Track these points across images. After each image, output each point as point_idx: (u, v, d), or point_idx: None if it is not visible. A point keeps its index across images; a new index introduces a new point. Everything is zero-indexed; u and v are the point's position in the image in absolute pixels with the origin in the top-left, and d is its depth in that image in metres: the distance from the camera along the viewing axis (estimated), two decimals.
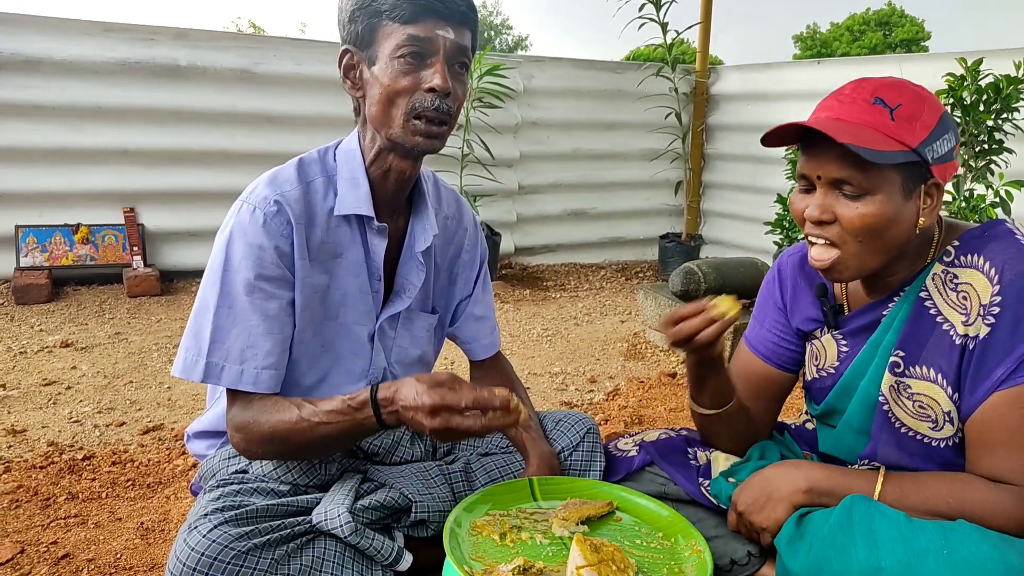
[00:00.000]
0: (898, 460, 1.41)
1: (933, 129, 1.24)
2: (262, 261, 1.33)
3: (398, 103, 1.31)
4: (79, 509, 1.82)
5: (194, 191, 4.34)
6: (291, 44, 4.47)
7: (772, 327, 1.56)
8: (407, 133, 1.32)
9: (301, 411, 1.29)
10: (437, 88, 1.29)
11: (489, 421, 1.19)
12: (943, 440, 1.33)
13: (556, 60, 5.34)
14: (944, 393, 1.30)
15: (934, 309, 1.32)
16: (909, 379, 1.34)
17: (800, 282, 1.53)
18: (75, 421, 2.40)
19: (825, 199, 1.26)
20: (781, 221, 4.43)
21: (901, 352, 1.35)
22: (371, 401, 1.24)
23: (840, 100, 1.28)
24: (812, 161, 1.27)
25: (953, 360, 1.29)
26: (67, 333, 3.33)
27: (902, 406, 1.36)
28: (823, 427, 1.55)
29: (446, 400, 1.17)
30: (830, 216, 1.26)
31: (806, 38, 40.64)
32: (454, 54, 1.32)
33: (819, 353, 1.50)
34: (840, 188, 1.25)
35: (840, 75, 4.69)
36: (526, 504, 1.44)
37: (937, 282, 1.32)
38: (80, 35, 4.01)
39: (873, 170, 1.21)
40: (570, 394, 2.81)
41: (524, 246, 5.36)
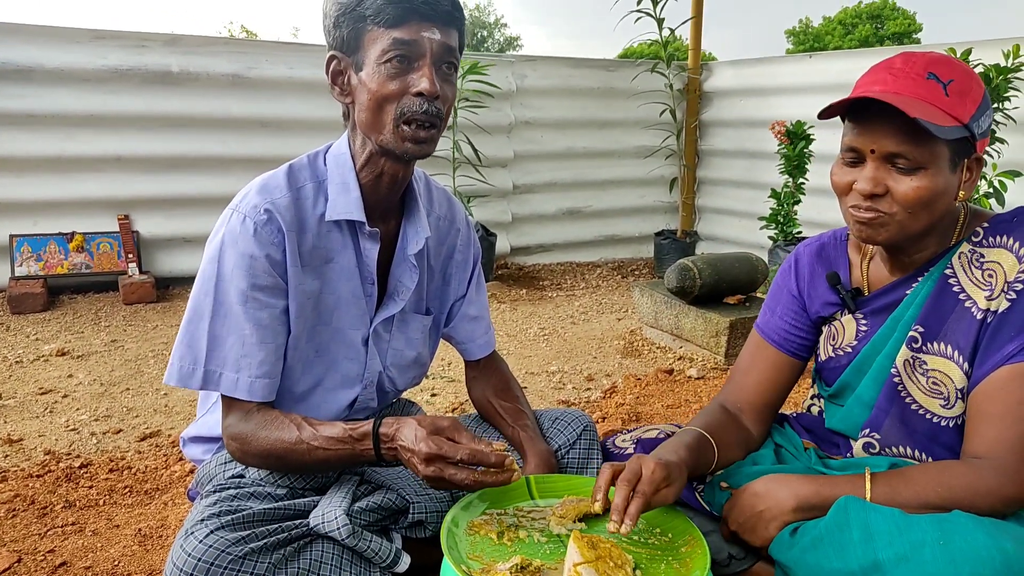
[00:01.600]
0: (900, 439, 1.41)
1: (979, 104, 1.27)
2: (254, 270, 1.33)
3: (387, 108, 1.31)
4: (76, 517, 1.82)
5: (188, 197, 4.33)
6: (284, 48, 4.46)
7: (784, 314, 1.57)
8: (397, 139, 1.32)
9: (301, 432, 1.30)
10: (425, 92, 1.28)
11: (482, 477, 1.21)
12: (952, 419, 1.34)
13: (548, 59, 5.34)
14: (959, 370, 1.31)
15: (958, 286, 1.34)
16: (926, 355, 1.35)
17: (817, 269, 1.55)
18: (72, 429, 2.40)
19: (877, 172, 1.27)
20: (776, 216, 4.44)
21: (920, 328, 1.36)
22: (373, 435, 1.26)
23: (893, 74, 1.28)
24: (866, 134, 1.27)
25: (971, 336, 1.30)
26: (63, 342, 3.33)
27: (916, 382, 1.37)
28: (832, 406, 1.56)
29: (442, 451, 1.20)
30: (882, 189, 1.27)
31: (798, 32, 40.68)
32: (441, 55, 1.32)
33: (837, 333, 1.51)
34: (893, 162, 1.26)
35: (831, 69, 4.70)
36: (523, 502, 1.43)
37: (963, 260, 1.34)
38: (71, 43, 4.01)
39: (927, 145, 1.22)
40: (567, 392, 2.81)
41: (520, 246, 5.36)
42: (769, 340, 1.59)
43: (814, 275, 1.55)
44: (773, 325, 1.59)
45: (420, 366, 1.66)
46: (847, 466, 1.48)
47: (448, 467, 1.20)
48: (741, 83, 5.39)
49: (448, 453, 1.20)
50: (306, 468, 1.35)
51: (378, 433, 1.26)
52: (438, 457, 1.20)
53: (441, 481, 1.21)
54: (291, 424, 1.32)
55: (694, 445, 1.41)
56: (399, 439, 1.24)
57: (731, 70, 5.51)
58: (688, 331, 3.21)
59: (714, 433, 1.48)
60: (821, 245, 1.58)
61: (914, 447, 1.42)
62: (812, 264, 1.56)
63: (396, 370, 1.58)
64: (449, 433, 1.23)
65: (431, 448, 1.20)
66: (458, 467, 1.21)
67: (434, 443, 1.20)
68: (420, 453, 1.20)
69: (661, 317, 3.36)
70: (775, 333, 1.58)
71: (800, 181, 4.38)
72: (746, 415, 1.58)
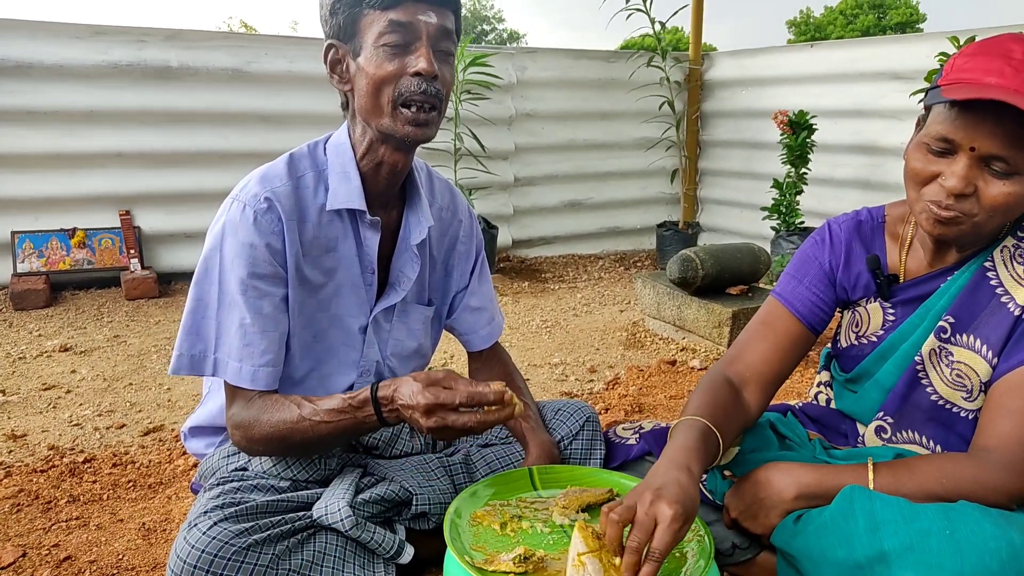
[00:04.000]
0: (914, 426, 1.39)
1: None
2: (254, 259, 1.32)
3: (385, 91, 1.30)
4: (80, 511, 1.82)
5: (189, 192, 4.32)
6: (283, 42, 4.45)
7: (812, 286, 1.49)
8: (396, 123, 1.31)
9: (302, 410, 1.29)
10: (423, 72, 1.28)
11: (485, 416, 1.19)
12: (971, 412, 1.32)
13: (548, 51, 5.32)
14: (986, 364, 1.28)
15: (996, 280, 1.31)
16: (953, 346, 1.33)
17: (855, 249, 1.47)
18: (75, 424, 2.40)
19: (970, 171, 1.18)
20: (778, 206, 4.43)
21: (951, 319, 1.33)
22: (372, 400, 1.25)
23: (1013, 67, 1.16)
24: (970, 129, 1.17)
25: (1004, 331, 1.27)
26: (66, 337, 3.33)
27: (939, 373, 1.35)
28: (844, 390, 1.53)
29: (440, 399, 1.18)
30: (971, 189, 1.20)
31: (800, 23, 40.50)
32: (438, 38, 1.31)
33: (861, 320, 1.47)
34: (989, 163, 1.18)
35: (833, 58, 4.68)
36: (526, 493, 1.43)
37: (1005, 255, 1.30)
38: (70, 39, 4.00)
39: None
40: (570, 384, 2.81)
41: (521, 238, 5.35)
42: (792, 309, 1.49)
43: (851, 253, 1.48)
44: (799, 294, 1.49)
45: (421, 357, 1.65)
46: (852, 456, 1.46)
47: (449, 414, 1.18)
48: (742, 73, 5.37)
49: (446, 400, 1.18)
50: (311, 446, 1.33)
51: (377, 397, 1.24)
52: (438, 406, 1.18)
53: (446, 430, 1.19)
54: (291, 404, 1.31)
55: (702, 448, 1.28)
56: (398, 398, 1.22)
57: (732, 60, 5.49)
58: (691, 322, 3.21)
59: (719, 423, 1.38)
60: (859, 223, 1.50)
61: (928, 436, 1.40)
62: (849, 243, 1.48)
63: (397, 360, 1.57)
64: (445, 383, 1.21)
65: (429, 399, 1.18)
66: (459, 412, 1.19)
67: (431, 393, 1.18)
68: (419, 406, 1.18)
69: (663, 308, 3.36)
70: (799, 302, 1.49)
71: (803, 171, 4.37)
72: (749, 388, 1.48)
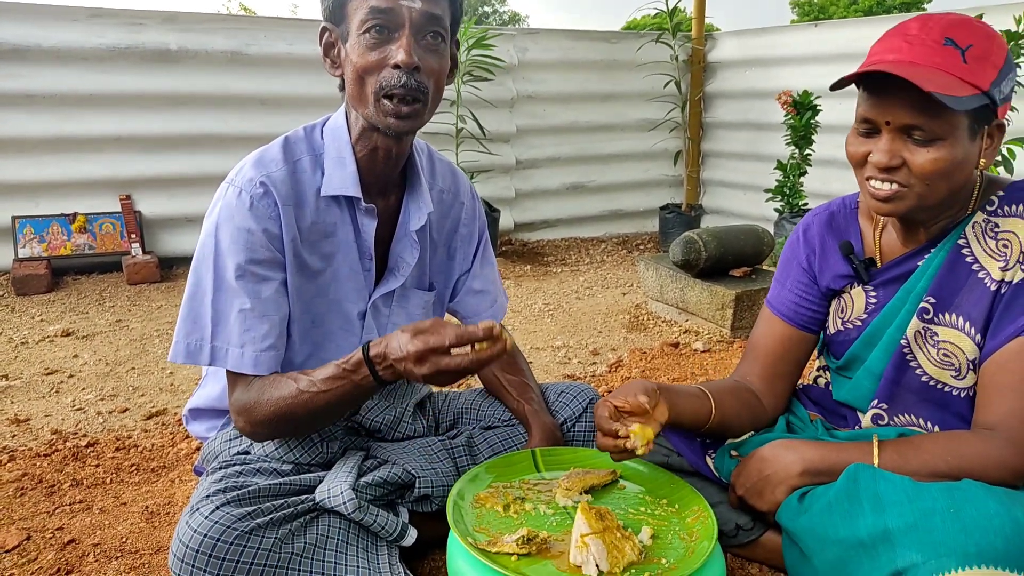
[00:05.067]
0: (910, 409, 1.40)
1: (1001, 68, 1.21)
2: (251, 245, 1.31)
3: (368, 81, 1.28)
4: (84, 495, 1.82)
5: (189, 176, 4.30)
6: (282, 24, 4.41)
7: (794, 287, 1.54)
8: (379, 114, 1.29)
9: (299, 384, 1.28)
10: (401, 63, 1.24)
11: (477, 355, 1.17)
12: (964, 390, 1.33)
13: (550, 32, 5.27)
14: (971, 341, 1.29)
15: (971, 257, 1.31)
16: (937, 326, 1.34)
17: (828, 240, 1.51)
18: (78, 409, 2.40)
19: (893, 144, 1.24)
20: (782, 188, 4.40)
21: (932, 299, 1.34)
22: (365, 360, 1.23)
23: (909, 41, 1.23)
24: (880, 106, 1.23)
25: (984, 307, 1.28)
26: (68, 322, 3.33)
27: (926, 353, 1.35)
28: (839, 378, 1.54)
29: (430, 344, 1.17)
30: (898, 161, 1.24)
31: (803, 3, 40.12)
32: (423, 25, 1.27)
33: (846, 306, 1.49)
34: (909, 133, 1.22)
35: (837, 37, 4.63)
36: (529, 475, 1.43)
37: (977, 231, 1.32)
38: (68, 21, 3.96)
39: (944, 115, 1.19)
40: (573, 367, 2.81)
41: (524, 222, 5.33)
42: (779, 314, 1.56)
43: (825, 246, 1.52)
44: (783, 299, 1.56)
45: None
46: (854, 437, 1.46)
47: (442, 357, 1.17)
48: (746, 53, 5.32)
49: (436, 344, 1.17)
50: (314, 418, 1.32)
51: (370, 356, 1.23)
52: (428, 352, 1.17)
53: (440, 375, 1.18)
54: (288, 380, 1.30)
55: (690, 392, 1.42)
56: (390, 354, 1.21)
57: (735, 40, 5.43)
58: (694, 304, 3.20)
59: (713, 392, 1.45)
60: (831, 214, 1.54)
61: (924, 417, 1.40)
62: (822, 235, 1.53)
63: None
64: (433, 329, 1.20)
65: (418, 346, 1.17)
66: (451, 355, 1.18)
67: (420, 341, 1.17)
68: (410, 355, 1.17)
69: (666, 291, 3.35)
70: (784, 307, 1.55)
71: (806, 152, 4.34)
72: (759, 390, 1.55)
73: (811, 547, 1.24)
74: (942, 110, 1.18)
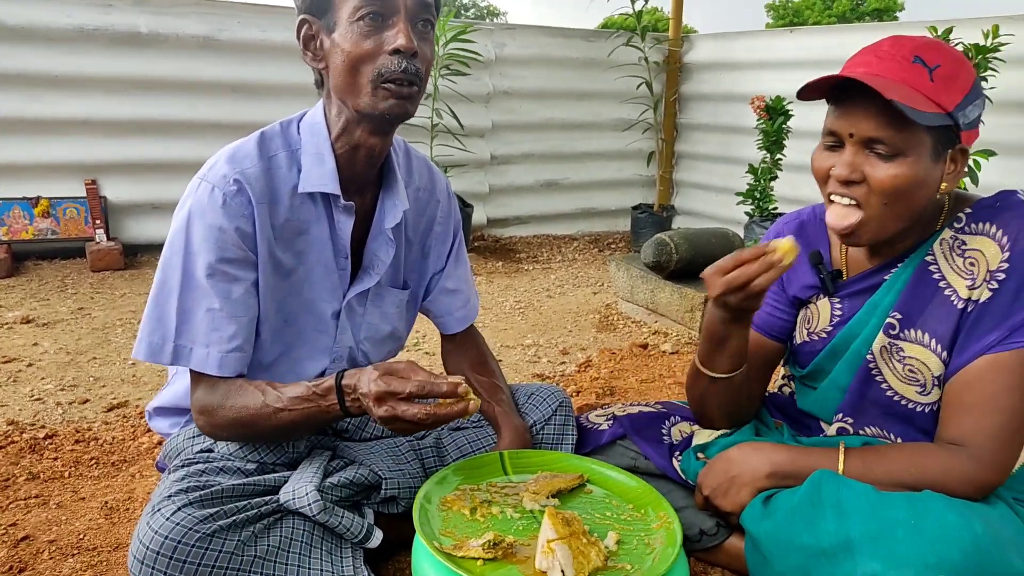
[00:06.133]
0: (876, 421, 1.42)
1: (967, 94, 1.22)
2: (223, 243, 1.28)
3: (363, 70, 1.26)
4: (40, 489, 1.78)
5: (157, 162, 4.22)
6: (256, 11, 4.34)
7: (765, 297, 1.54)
8: (376, 100, 1.27)
9: (266, 397, 1.26)
10: (402, 48, 1.23)
11: (436, 409, 1.15)
12: (928, 406, 1.34)
13: (528, 28, 5.26)
14: (936, 358, 1.30)
15: (938, 274, 1.32)
16: (902, 342, 1.34)
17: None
18: (36, 399, 2.34)
19: (855, 158, 1.24)
20: (752, 192, 4.44)
21: (898, 314, 1.35)
22: (336, 388, 1.22)
23: (879, 56, 1.24)
24: (845, 118, 1.24)
25: (951, 324, 1.29)
26: (28, 309, 3.25)
27: (892, 368, 1.36)
28: (803, 387, 1.55)
29: (391, 387, 1.15)
30: (859, 176, 1.24)
31: (778, 7, 40.53)
32: (417, 11, 1.26)
33: (812, 316, 1.49)
34: (872, 147, 1.23)
35: (813, 44, 4.68)
36: (497, 478, 1.43)
37: (944, 248, 1.32)
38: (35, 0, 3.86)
39: (908, 131, 1.19)
40: (542, 366, 2.81)
41: (497, 217, 5.32)
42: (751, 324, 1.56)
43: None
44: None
45: (395, 340, 1.63)
46: (820, 443, 1.48)
47: (400, 403, 1.14)
48: (721, 56, 5.35)
49: (396, 388, 1.14)
50: (275, 433, 1.30)
51: (341, 386, 1.21)
52: (387, 394, 1.15)
53: (396, 420, 1.15)
54: (255, 390, 1.28)
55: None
56: (359, 387, 1.19)
57: (711, 43, 5.47)
58: (664, 306, 3.22)
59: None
60: (800, 223, 1.55)
61: (888, 430, 1.42)
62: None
63: (370, 344, 1.55)
64: (404, 373, 1.18)
65: (380, 387, 1.15)
66: (411, 403, 1.15)
67: (384, 382, 1.15)
68: (371, 394, 1.16)
69: (637, 291, 3.36)
70: (756, 316, 1.56)
71: (777, 157, 4.38)
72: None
73: (773, 553, 1.25)
74: (905, 124, 1.18)
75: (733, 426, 1.56)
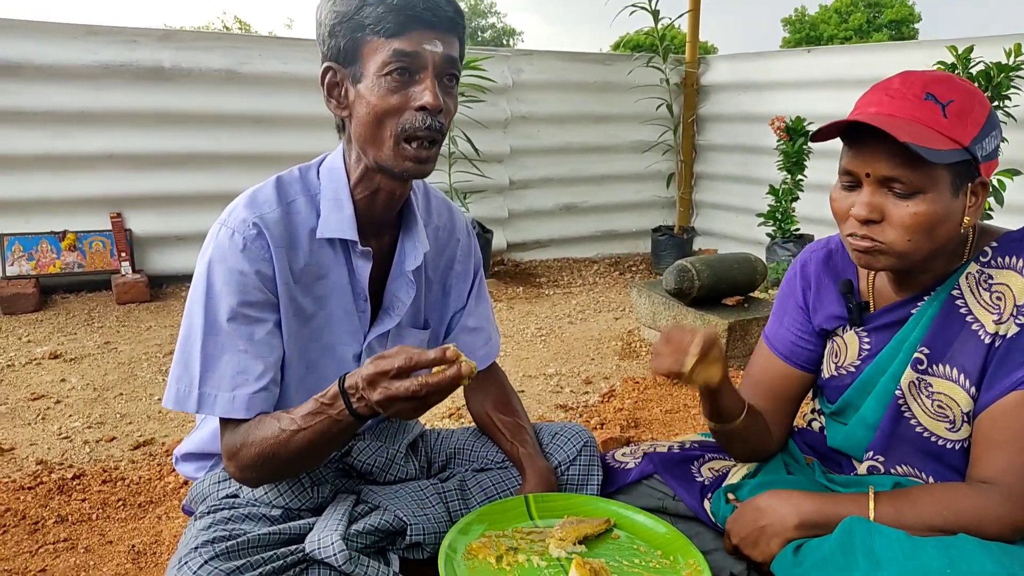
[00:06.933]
0: (905, 460, 1.39)
1: (983, 126, 1.22)
2: (244, 287, 1.29)
3: (387, 123, 1.26)
4: (68, 532, 1.79)
5: (181, 194, 4.29)
6: (276, 43, 4.41)
7: (791, 325, 1.53)
8: (397, 158, 1.28)
9: (280, 422, 1.25)
10: (428, 106, 1.24)
11: (428, 378, 1.12)
12: (958, 442, 1.32)
13: (545, 53, 5.29)
14: (965, 393, 1.29)
15: (964, 308, 1.31)
16: (931, 377, 1.33)
17: (824, 279, 1.50)
18: (64, 437, 2.37)
19: (873, 198, 1.23)
20: (774, 213, 4.42)
21: (926, 349, 1.33)
22: (340, 392, 1.19)
23: (889, 95, 1.24)
24: (860, 158, 1.23)
25: (978, 360, 1.27)
26: (56, 344, 3.29)
27: (920, 404, 1.34)
28: (834, 423, 1.53)
29: (379, 367, 1.13)
30: (879, 215, 1.23)
31: (794, 21, 40.51)
32: (443, 67, 1.27)
33: (839, 350, 1.48)
34: (890, 186, 1.22)
35: (830, 63, 4.66)
36: (522, 523, 1.41)
37: (971, 281, 1.31)
38: (63, 39, 3.95)
39: (924, 168, 1.18)
40: (565, 396, 2.79)
41: (516, 242, 5.33)
42: (776, 352, 1.55)
43: (820, 285, 1.51)
44: (780, 336, 1.55)
45: None
46: (851, 483, 1.46)
47: (392, 382, 1.12)
48: (739, 77, 5.35)
49: (384, 367, 1.12)
50: (298, 458, 1.27)
51: (344, 388, 1.19)
52: (378, 375, 1.12)
53: (393, 400, 1.12)
54: (271, 420, 1.27)
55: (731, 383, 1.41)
56: (358, 383, 1.16)
57: (728, 64, 5.47)
58: None
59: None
60: (829, 252, 1.53)
61: (919, 468, 1.39)
62: (819, 273, 1.52)
63: None
64: (390, 355, 1.14)
65: (369, 371, 1.13)
66: (401, 378, 1.12)
67: (372, 365, 1.14)
68: (363, 379, 1.14)
69: (659, 318, 3.34)
70: (781, 344, 1.54)
71: (799, 178, 4.36)
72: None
73: None
74: (921, 162, 1.17)
75: (761, 460, 1.54)
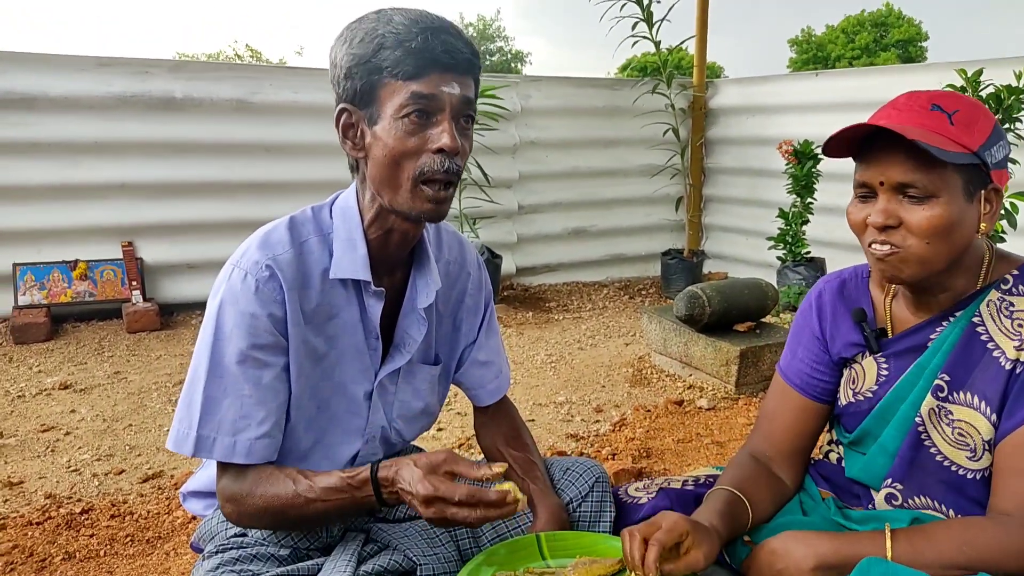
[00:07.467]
0: (924, 490, 1.37)
1: (989, 135, 1.24)
2: (255, 329, 1.28)
3: (404, 165, 1.26)
4: (76, 570, 1.78)
5: (192, 223, 4.31)
6: (287, 72, 4.45)
7: (805, 356, 1.52)
8: (415, 200, 1.27)
9: (297, 486, 1.24)
10: (447, 148, 1.24)
11: (485, 513, 1.15)
12: (979, 472, 1.30)
13: (553, 79, 5.32)
14: (986, 421, 1.27)
15: (986, 335, 1.30)
16: (951, 404, 1.31)
17: (840, 308, 1.50)
18: (73, 470, 2.36)
19: (889, 204, 1.25)
20: (784, 236, 4.40)
21: (947, 376, 1.32)
22: (372, 481, 1.21)
23: (897, 108, 1.27)
24: (873, 167, 1.26)
25: (999, 386, 1.26)
26: (66, 374, 3.30)
27: (941, 432, 1.33)
28: (852, 453, 1.51)
29: (440, 492, 1.14)
30: (895, 221, 1.25)
31: (801, 42, 40.70)
32: (460, 109, 1.27)
33: (857, 376, 1.47)
34: (904, 192, 1.24)
35: (838, 86, 4.66)
36: (534, 563, 1.39)
37: (992, 308, 1.31)
38: (75, 71, 4.00)
39: (936, 172, 1.20)
40: (576, 425, 2.77)
41: (525, 266, 5.33)
42: (791, 384, 1.53)
43: (836, 314, 1.50)
44: (795, 368, 1.53)
45: (428, 416, 1.61)
46: (868, 519, 1.43)
47: (449, 507, 1.14)
48: (746, 101, 5.36)
49: (446, 494, 1.13)
50: (306, 522, 1.29)
51: (377, 478, 1.20)
52: (436, 499, 1.14)
53: (444, 521, 1.16)
54: (286, 478, 1.26)
55: (726, 510, 1.37)
56: (399, 482, 1.18)
57: (736, 88, 5.48)
58: (698, 359, 3.17)
59: (746, 490, 1.42)
60: (842, 282, 1.54)
61: (939, 500, 1.37)
62: (834, 302, 1.51)
63: (403, 422, 1.53)
64: (447, 467, 1.17)
65: (428, 490, 1.14)
66: (459, 506, 1.14)
67: (431, 483, 1.14)
68: (419, 495, 1.14)
69: (670, 344, 3.32)
70: (797, 377, 1.52)
71: (808, 201, 4.34)
72: (776, 463, 1.52)
73: None
74: (933, 165, 1.19)
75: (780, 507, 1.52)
